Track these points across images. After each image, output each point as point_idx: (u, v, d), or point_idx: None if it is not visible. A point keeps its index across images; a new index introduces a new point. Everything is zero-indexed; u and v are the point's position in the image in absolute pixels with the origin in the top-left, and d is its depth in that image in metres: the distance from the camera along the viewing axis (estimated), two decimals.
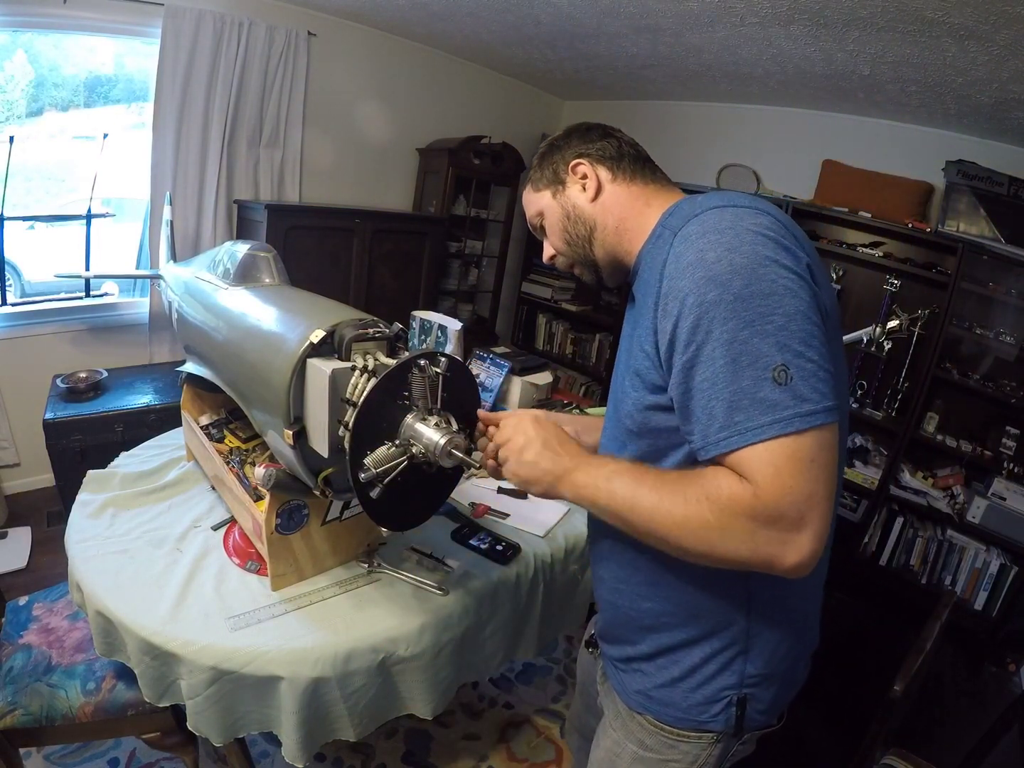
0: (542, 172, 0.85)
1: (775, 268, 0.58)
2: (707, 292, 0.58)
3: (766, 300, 0.57)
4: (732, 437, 0.57)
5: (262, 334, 1.02)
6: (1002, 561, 2.45)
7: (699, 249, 0.61)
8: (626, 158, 0.81)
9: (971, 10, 1.55)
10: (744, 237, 0.59)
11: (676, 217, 0.69)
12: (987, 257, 2.40)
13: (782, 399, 0.55)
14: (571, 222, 0.83)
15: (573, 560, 1.34)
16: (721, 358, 0.57)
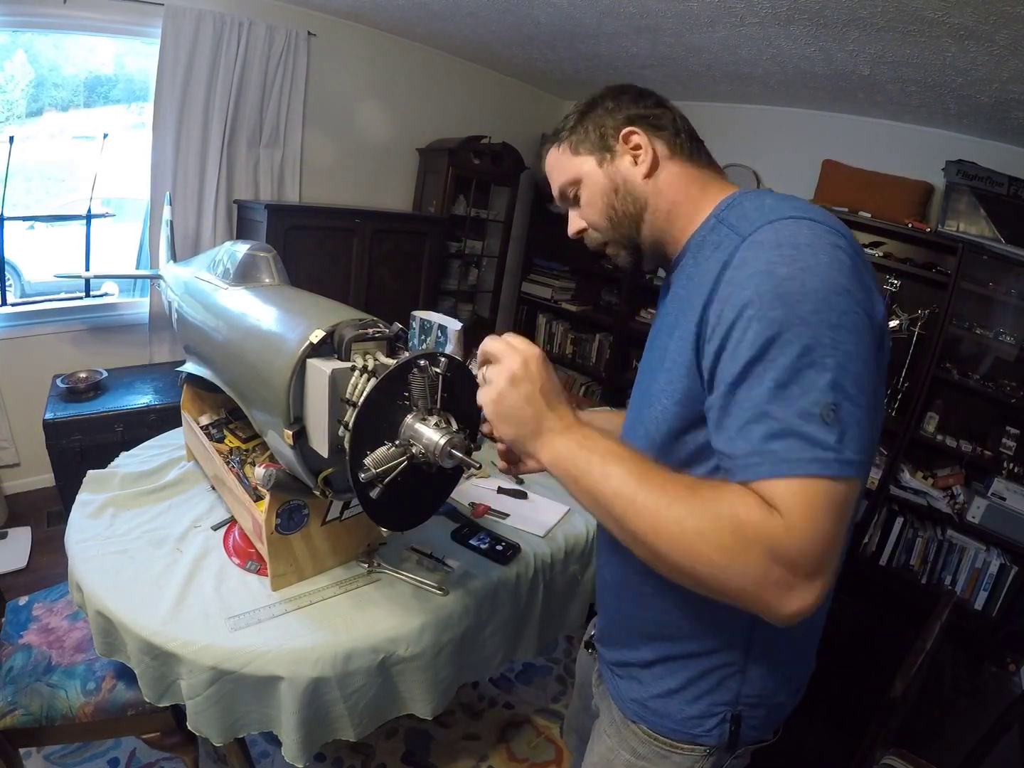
0: (585, 133, 0.75)
1: (847, 299, 0.54)
2: (771, 308, 0.53)
3: (832, 332, 0.53)
4: (766, 465, 0.52)
5: (262, 334, 1.02)
6: (1002, 561, 2.45)
7: (770, 261, 0.55)
8: (683, 133, 0.74)
9: (971, 10, 1.55)
10: (821, 258, 0.55)
11: (739, 215, 0.64)
12: (987, 257, 2.40)
13: (826, 439, 0.51)
14: (619, 198, 0.74)
15: (573, 560, 1.34)
16: (771, 380, 0.53)
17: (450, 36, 3.00)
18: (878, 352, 0.57)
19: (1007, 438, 2.50)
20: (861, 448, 0.52)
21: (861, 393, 0.53)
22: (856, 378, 0.53)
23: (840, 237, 0.58)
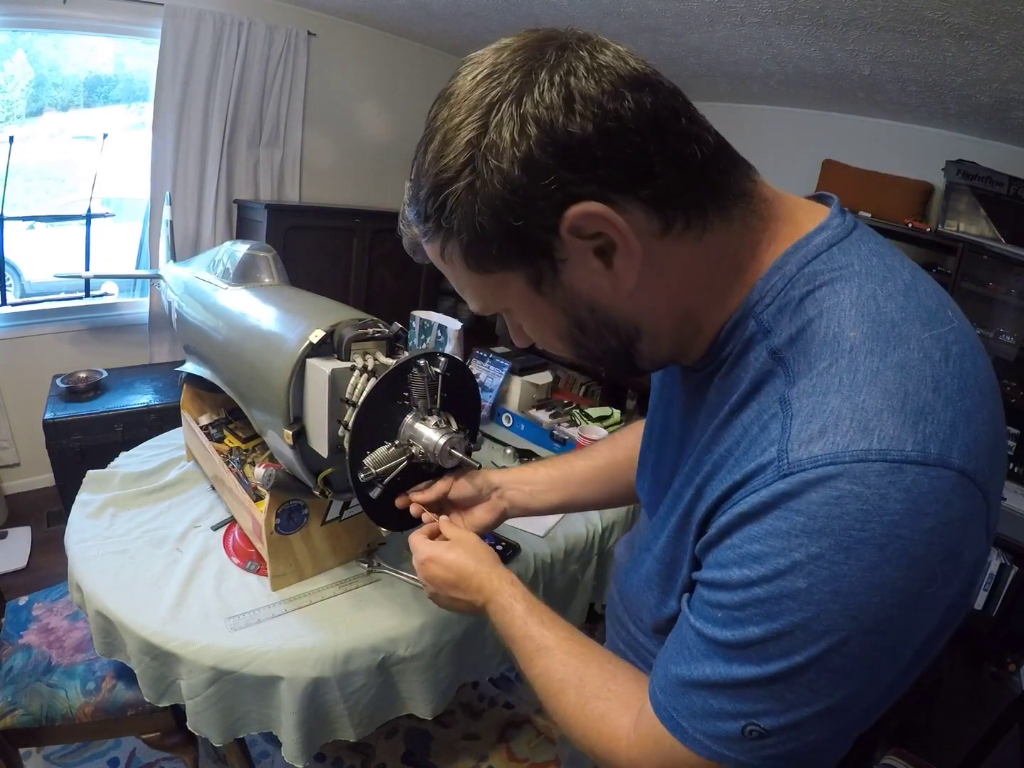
0: (486, 231, 0.40)
1: (923, 608, 0.36)
2: (773, 616, 0.37)
3: (869, 637, 0.36)
4: (677, 722, 0.43)
5: (262, 334, 1.02)
6: (1002, 561, 2.45)
7: (791, 551, 0.36)
8: (694, 160, 0.39)
9: (971, 10, 1.55)
10: (907, 539, 0.34)
11: (791, 337, 0.40)
12: (987, 257, 2.40)
13: (737, 743, 0.40)
14: (588, 335, 0.46)
15: (573, 560, 1.34)
16: (729, 666, 0.40)
17: (450, 36, 3.00)
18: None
19: (1007, 438, 2.50)
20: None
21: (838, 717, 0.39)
22: (826, 714, 0.39)
23: (968, 485, 0.35)
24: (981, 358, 0.39)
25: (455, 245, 0.42)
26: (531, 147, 0.37)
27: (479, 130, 0.38)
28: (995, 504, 0.37)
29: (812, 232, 0.42)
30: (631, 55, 0.40)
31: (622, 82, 0.37)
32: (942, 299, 0.41)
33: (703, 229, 0.41)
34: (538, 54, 0.39)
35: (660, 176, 0.38)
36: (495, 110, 0.38)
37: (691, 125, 0.39)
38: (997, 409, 0.38)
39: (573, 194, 0.37)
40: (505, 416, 1.83)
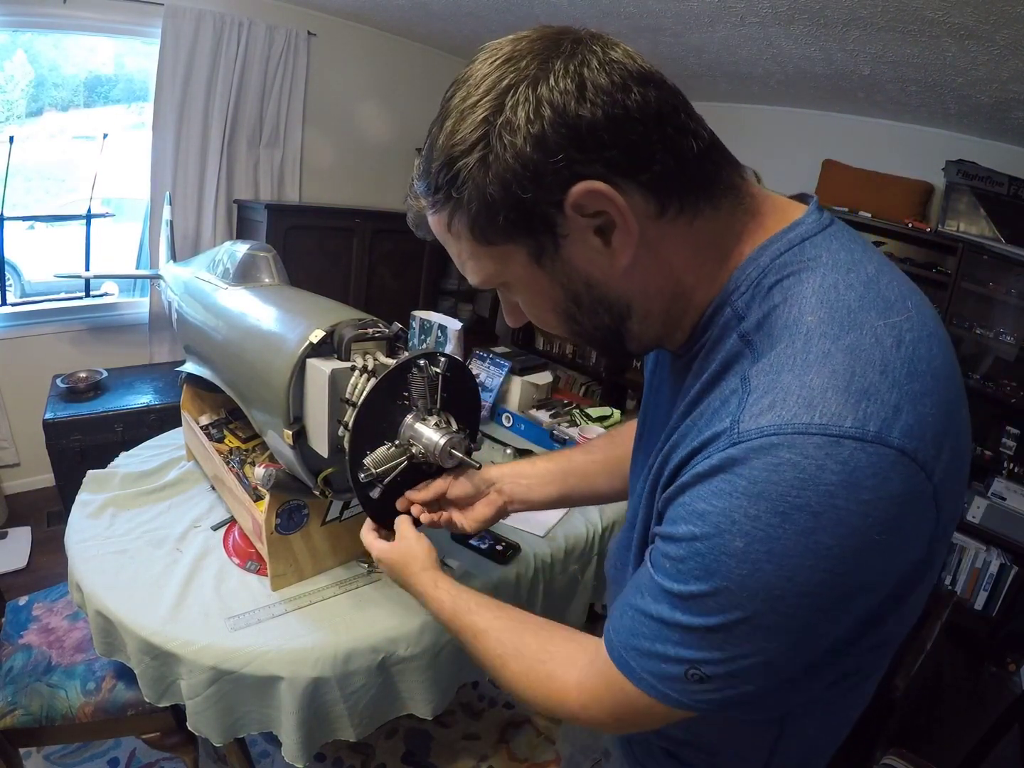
0: (486, 205, 0.42)
1: (851, 575, 0.38)
2: (710, 576, 0.40)
3: (803, 599, 0.38)
4: (627, 662, 0.47)
5: (262, 334, 1.02)
6: (1002, 561, 2.45)
7: (731, 515, 0.38)
8: (690, 152, 0.42)
9: (971, 10, 1.55)
10: (843, 509, 0.36)
11: (759, 321, 0.43)
12: (987, 257, 2.40)
13: (680, 684, 0.43)
14: (584, 310, 0.48)
15: (573, 560, 1.34)
16: (674, 612, 0.43)
17: (450, 36, 3.00)
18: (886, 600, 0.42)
19: (1007, 438, 2.50)
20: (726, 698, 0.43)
21: (772, 673, 0.42)
22: (763, 667, 0.41)
23: (917, 476, 0.37)
24: (939, 347, 0.41)
25: (463, 216, 0.44)
26: (544, 127, 0.39)
27: (495, 109, 0.41)
28: (945, 481, 0.39)
29: (788, 227, 0.45)
30: (638, 55, 0.43)
31: (630, 76, 0.41)
32: (904, 291, 0.43)
33: (694, 215, 0.44)
34: (554, 45, 0.42)
35: (659, 163, 0.41)
36: (512, 92, 0.40)
37: (689, 121, 0.43)
38: (951, 395, 0.40)
39: (579, 173, 0.40)
40: (505, 416, 1.83)
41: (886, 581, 0.40)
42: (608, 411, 1.85)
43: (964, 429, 0.42)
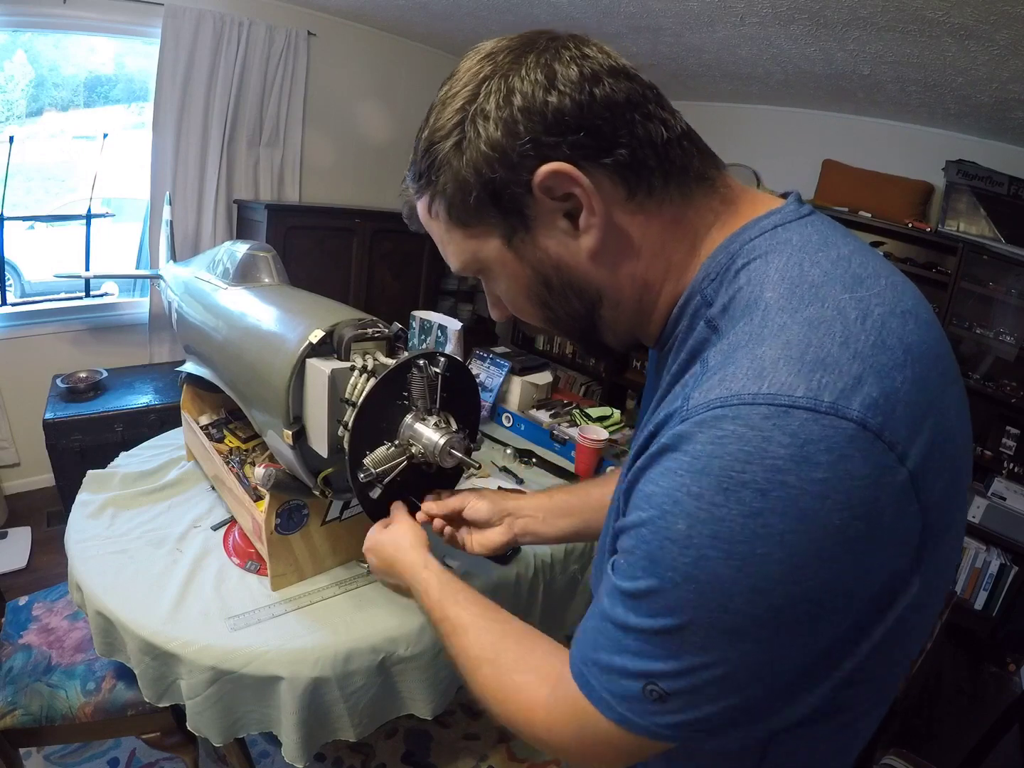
0: (462, 189, 0.45)
1: (781, 593, 0.34)
2: (650, 564, 0.37)
3: (757, 595, 0.35)
4: (587, 679, 0.43)
5: (261, 334, 1.02)
6: (1002, 561, 2.45)
7: (674, 494, 0.36)
8: (658, 139, 0.43)
9: (971, 10, 1.55)
10: (794, 487, 0.32)
11: (724, 306, 0.41)
12: (987, 257, 2.40)
13: (645, 708, 0.40)
14: (555, 294, 0.48)
15: (573, 560, 1.34)
16: (626, 618, 0.40)
17: (450, 36, 3.00)
18: (862, 624, 0.38)
19: (1007, 438, 2.50)
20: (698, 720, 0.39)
21: (732, 692, 0.38)
22: (724, 681, 0.38)
23: (880, 468, 0.33)
24: (915, 324, 0.37)
25: (441, 199, 0.47)
26: (512, 112, 0.42)
27: (470, 98, 0.43)
28: (927, 472, 0.34)
29: (762, 215, 0.45)
30: (614, 53, 0.45)
31: (601, 69, 0.42)
32: (880, 270, 0.40)
33: (662, 201, 0.44)
34: (530, 43, 0.44)
35: (625, 147, 0.42)
36: (486, 83, 0.43)
37: (659, 110, 0.44)
38: (931, 375, 0.36)
39: (545, 156, 0.42)
40: (505, 416, 1.83)
41: (859, 590, 0.35)
42: (608, 411, 1.85)
43: (954, 416, 0.38)
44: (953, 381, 0.39)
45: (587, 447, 1.54)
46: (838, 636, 0.37)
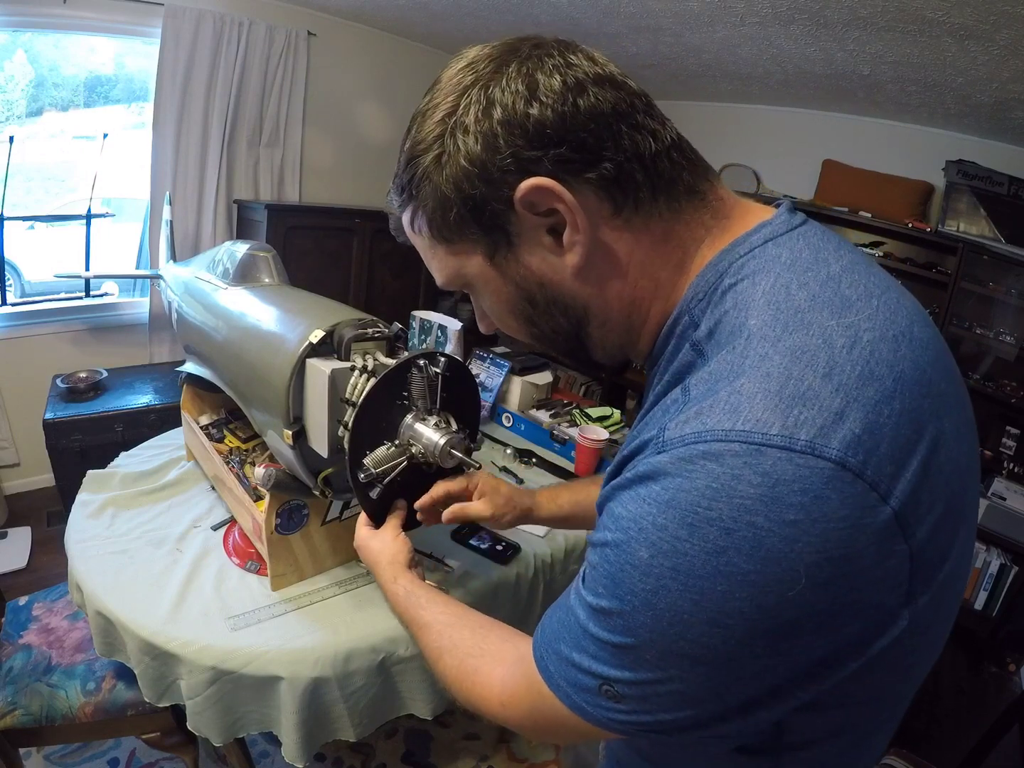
0: (442, 204, 0.44)
1: (729, 633, 0.34)
2: (615, 588, 0.37)
3: (716, 628, 0.34)
4: (547, 666, 0.45)
5: (261, 334, 1.02)
6: (1002, 561, 2.45)
7: (640, 524, 0.35)
8: (647, 151, 0.41)
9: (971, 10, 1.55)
10: (762, 529, 0.32)
11: (710, 329, 0.40)
12: (987, 257, 2.40)
13: (595, 697, 0.40)
14: (540, 311, 0.47)
15: (573, 560, 1.34)
16: (588, 622, 0.40)
17: (450, 36, 3.00)
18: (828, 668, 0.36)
19: (1007, 438, 2.50)
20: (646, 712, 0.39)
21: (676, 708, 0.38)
22: (678, 696, 0.37)
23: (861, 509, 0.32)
24: (908, 348, 0.36)
25: (422, 214, 0.46)
26: (492, 126, 0.40)
27: (451, 110, 0.42)
28: (917, 506, 0.33)
29: (752, 229, 0.43)
30: (603, 60, 0.43)
31: (586, 78, 0.40)
32: (872, 289, 0.38)
33: (650, 216, 0.42)
34: (513, 50, 0.42)
35: (610, 160, 0.40)
36: (466, 94, 0.42)
37: (648, 120, 0.42)
38: (924, 403, 0.35)
39: (528, 170, 0.40)
40: (505, 416, 1.83)
41: (831, 628, 0.34)
42: (608, 411, 1.85)
43: (951, 440, 0.36)
44: (953, 406, 0.38)
45: (587, 447, 1.54)
46: (806, 667, 0.36)
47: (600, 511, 0.42)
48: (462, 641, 0.60)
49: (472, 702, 0.56)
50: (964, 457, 0.38)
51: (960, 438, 0.38)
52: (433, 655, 0.63)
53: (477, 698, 0.55)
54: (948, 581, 0.37)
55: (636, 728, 0.40)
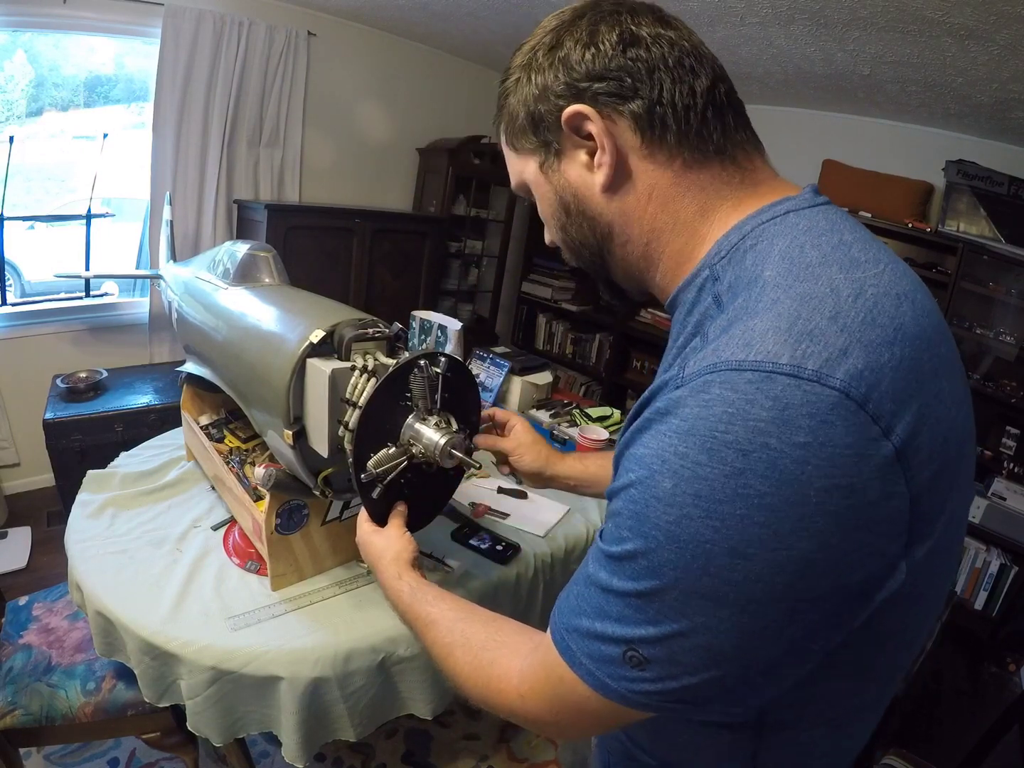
0: (518, 118, 0.53)
1: (755, 566, 0.35)
2: (642, 525, 0.38)
3: (698, 601, 0.37)
4: (567, 645, 0.45)
5: (262, 334, 1.02)
6: (1002, 561, 2.45)
7: (663, 455, 0.37)
8: (681, 100, 0.46)
9: (971, 10, 1.55)
10: (775, 450, 0.33)
11: (732, 289, 0.43)
12: (987, 257, 2.40)
13: (621, 672, 0.41)
14: (571, 220, 0.54)
15: (573, 560, 1.34)
16: (609, 582, 0.41)
17: (450, 36, 3.00)
18: (844, 615, 0.38)
19: (1007, 438, 2.50)
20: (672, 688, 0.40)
21: (703, 667, 0.39)
22: (703, 651, 0.38)
23: (860, 437, 0.34)
24: (910, 308, 0.38)
25: (504, 125, 0.56)
26: (555, 61, 0.49)
27: (534, 46, 0.51)
28: (918, 451, 0.35)
29: (777, 201, 0.47)
30: (679, 26, 0.49)
31: (645, 36, 0.47)
32: (880, 256, 0.41)
33: (672, 157, 0.48)
34: (594, 6, 0.50)
35: (644, 99, 0.46)
36: (546, 35, 0.51)
37: (693, 80, 0.47)
38: (923, 358, 0.37)
39: (575, 98, 0.48)
40: None
41: (843, 567, 0.35)
42: (608, 411, 1.85)
43: (950, 405, 0.38)
44: (951, 372, 0.40)
45: (587, 447, 1.55)
46: (820, 616, 0.37)
47: (618, 463, 0.44)
48: (475, 635, 0.58)
49: (488, 697, 0.53)
50: (961, 423, 0.40)
51: (959, 404, 0.40)
52: (442, 651, 0.60)
53: (495, 692, 0.52)
54: (942, 547, 0.40)
55: (661, 699, 0.40)
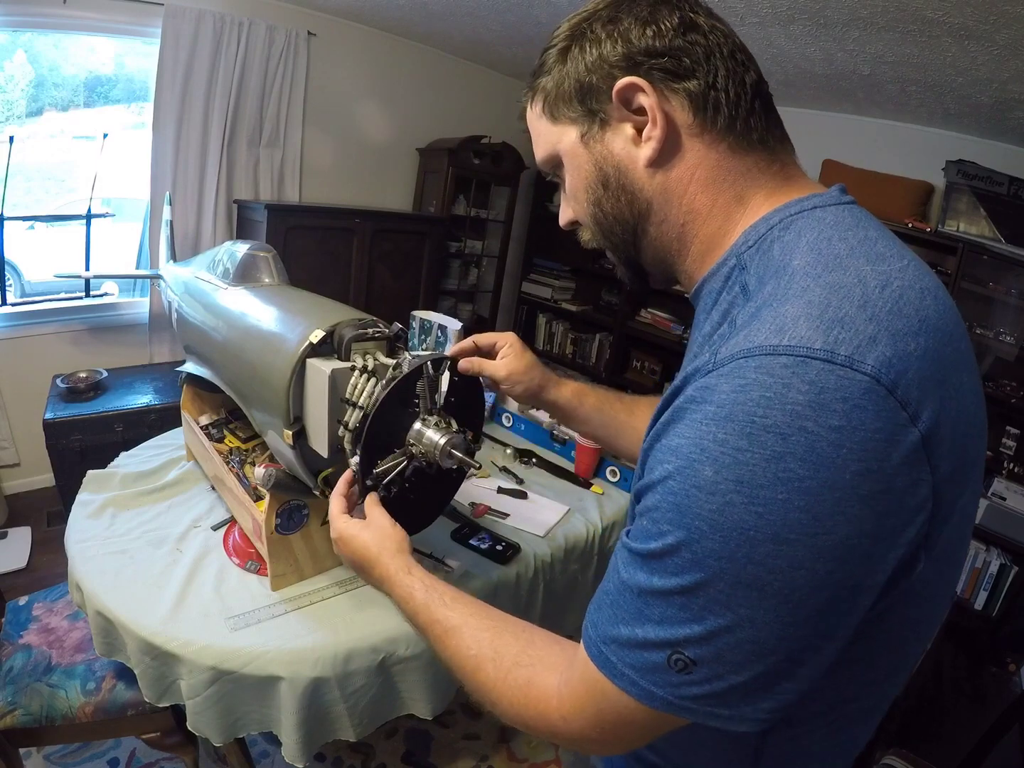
0: (562, 84, 0.52)
1: (796, 552, 0.35)
2: (682, 516, 0.38)
3: (741, 590, 0.36)
4: (607, 657, 0.43)
5: (261, 334, 1.02)
6: (1002, 561, 2.45)
7: (701, 443, 0.37)
8: (734, 88, 0.48)
9: (971, 10, 1.55)
10: (812, 433, 0.34)
11: (758, 277, 0.44)
12: (987, 257, 2.40)
13: (665, 678, 0.40)
14: (609, 194, 0.52)
15: (573, 560, 1.34)
16: (646, 583, 0.40)
17: (450, 36, 3.00)
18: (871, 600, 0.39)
19: (1007, 438, 2.51)
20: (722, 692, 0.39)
21: (749, 662, 0.38)
22: (749, 646, 0.38)
23: (886, 420, 0.34)
24: (933, 301, 0.39)
25: (541, 94, 0.54)
26: (612, 34, 0.49)
27: (587, 17, 0.51)
28: (942, 440, 0.36)
29: (806, 196, 0.47)
30: (724, 26, 0.50)
31: (703, 24, 0.48)
32: (905, 254, 0.42)
33: (719, 139, 0.48)
34: None
35: (700, 80, 0.47)
36: (606, 9, 0.50)
37: (743, 73, 0.49)
38: (946, 350, 0.38)
39: (630, 70, 0.48)
40: (505, 416, 1.83)
41: (876, 555, 0.36)
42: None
43: (969, 400, 0.40)
44: (969, 367, 0.41)
45: (587, 447, 1.55)
46: (853, 606, 0.38)
47: (646, 458, 0.43)
48: (504, 648, 0.52)
49: (528, 720, 0.49)
50: (977, 420, 0.41)
51: (977, 400, 0.41)
52: (469, 664, 0.54)
53: (535, 715, 0.49)
54: (953, 543, 0.40)
55: (708, 702, 0.39)
